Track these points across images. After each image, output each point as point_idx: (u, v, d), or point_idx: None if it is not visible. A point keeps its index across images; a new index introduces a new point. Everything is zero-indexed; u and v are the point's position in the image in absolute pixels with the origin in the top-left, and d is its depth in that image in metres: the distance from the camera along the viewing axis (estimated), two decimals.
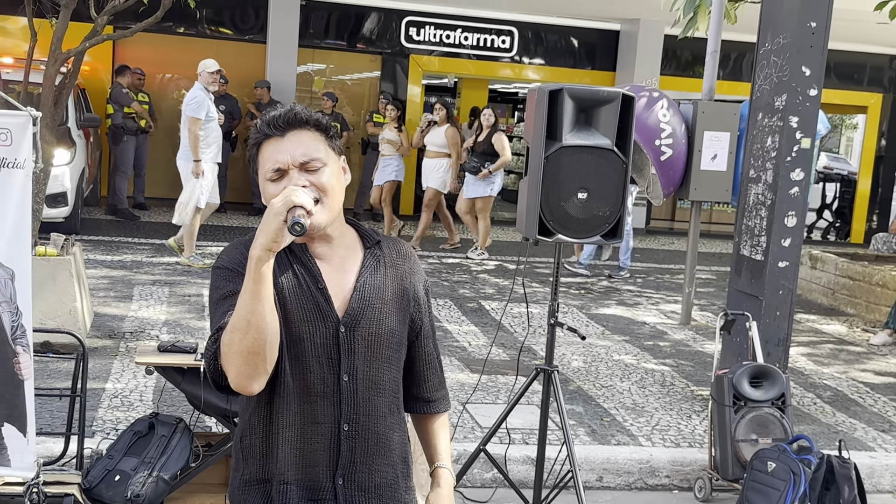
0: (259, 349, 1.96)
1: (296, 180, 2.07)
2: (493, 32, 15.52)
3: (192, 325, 7.08)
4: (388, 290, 2.21)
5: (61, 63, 5.83)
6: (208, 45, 14.57)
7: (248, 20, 14.60)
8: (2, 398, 3.93)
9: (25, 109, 3.90)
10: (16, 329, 3.93)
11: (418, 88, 15.59)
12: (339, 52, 15.28)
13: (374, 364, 2.17)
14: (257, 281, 1.93)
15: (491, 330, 7.79)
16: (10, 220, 3.90)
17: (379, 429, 2.17)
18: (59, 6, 5.78)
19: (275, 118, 2.12)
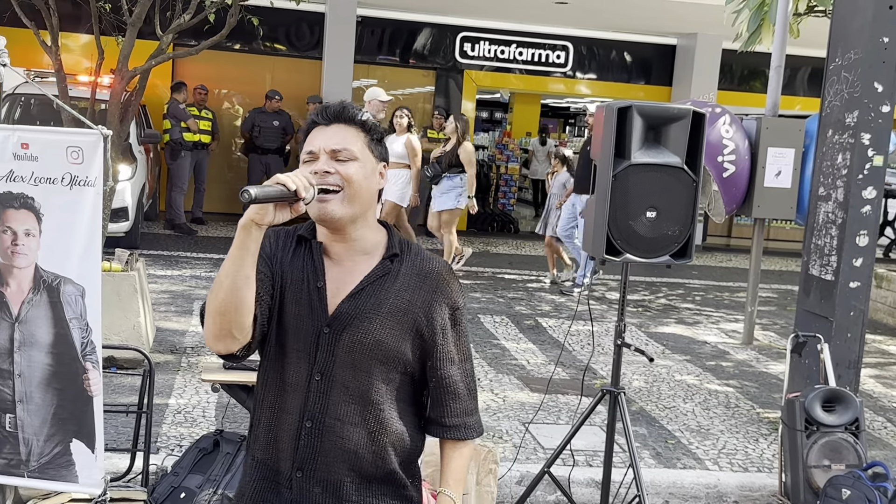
0: (225, 310, 2.05)
1: (322, 164, 2.16)
2: (548, 48, 15.49)
3: None
4: (387, 304, 2.19)
5: (127, 81, 5.90)
6: (264, 62, 14.77)
7: (303, 37, 14.74)
8: (71, 414, 3.96)
9: (96, 128, 3.94)
10: (86, 345, 3.96)
11: (472, 104, 15.60)
12: (393, 67, 15.35)
13: (353, 371, 2.17)
14: (238, 246, 2.03)
15: (549, 348, 7.72)
16: (81, 237, 3.94)
17: (345, 434, 2.17)
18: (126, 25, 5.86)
19: (326, 108, 2.23)
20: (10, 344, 3.92)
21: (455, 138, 10.35)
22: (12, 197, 3.92)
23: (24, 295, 3.92)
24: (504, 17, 14.69)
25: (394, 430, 2.22)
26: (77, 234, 3.93)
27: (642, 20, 14.01)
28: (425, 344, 2.23)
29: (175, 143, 12.45)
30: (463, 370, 2.30)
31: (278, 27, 14.46)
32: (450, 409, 2.29)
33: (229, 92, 15.01)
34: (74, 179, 3.91)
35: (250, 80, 14.84)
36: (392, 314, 2.18)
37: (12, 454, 3.96)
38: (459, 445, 2.33)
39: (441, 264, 2.28)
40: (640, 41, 15.74)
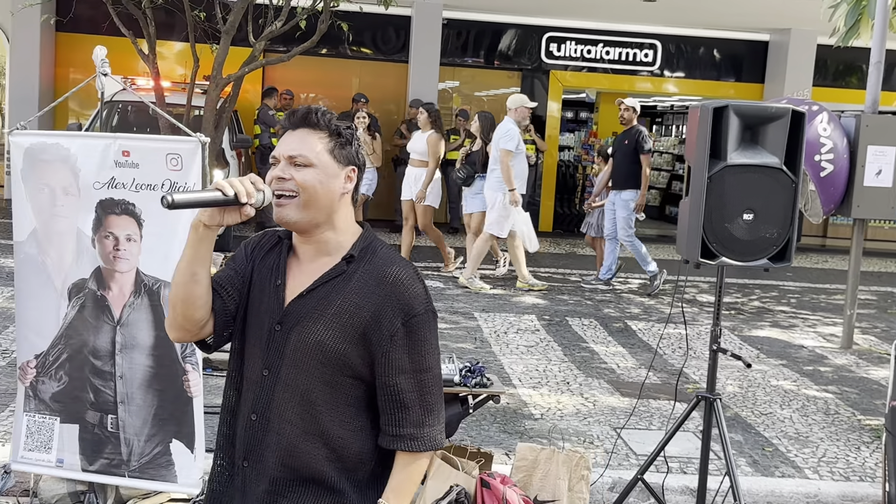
0: (175, 301, 2.20)
1: (277, 170, 2.20)
2: (636, 46, 15.30)
3: None
4: (334, 306, 2.19)
5: (222, 87, 6.03)
6: (351, 66, 14.93)
7: (389, 40, 14.86)
8: (171, 415, 4.05)
9: (195, 135, 4.02)
10: (185, 348, 4.05)
11: (557, 104, 15.51)
12: (478, 69, 15.37)
13: (296, 372, 2.20)
14: (187, 245, 2.17)
15: (639, 351, 7.61)
16: (180, 242, 4.01)
17: (285, 431, 2.20)
18: (220, 32, 5.98)
19: (294, 112, 2.26)
20: (113, 346, 4.03)
21: (480, 137, 10.19)
22: (114, 203, 4.03)
23: (125, 299, 4.03)
24: (591, 16, 14.57)
25: (333, 435, 2.19)
26: (176, 239, 4.01)
27: (734, 16, 13.73)
28: (373, 351, 2.18)
29: (265, 147, 12.68)
30: (416, 380, 2.20)
31: (364, 31, 14.61)
32: (395, 419, 2.21)
33: (317, 96, 15.21)
34: (174, 186, 4.00)
35: (337, 85, 15.03)
36: (337, 316, 2.18)
37: (113, 454, 4.08)
38: (408, 458, 2.22)
39: (403, 270, 2.22)
40: (731, 38, 15.43)
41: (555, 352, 7.42)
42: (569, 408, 6.04)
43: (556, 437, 5.43)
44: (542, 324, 8.34)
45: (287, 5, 6.04)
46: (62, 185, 4.02)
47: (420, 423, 2.21)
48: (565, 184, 15.92)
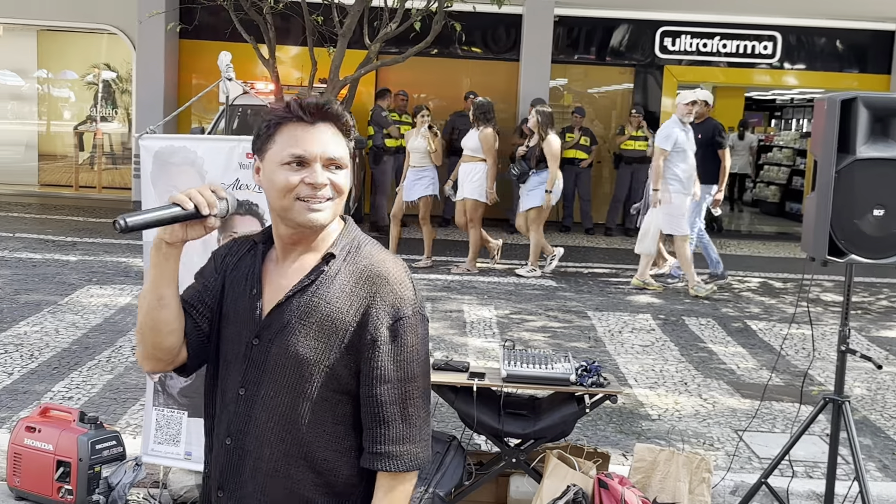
0: (143, 330, 2.01)
1: (318, 176, 1.95)
2: (754, 38, 14.89)
3: (456, 341, 7.23)
4: (315, 313, 1.96)
5: (338, 89, 6.15)
6: (461, 66, 14.99)
7: (500, 39, 14.86)
8: None
9: None
10: None
11: (671, 99, 15.20)
12: (589, 65, 15.23)
13: (277, 387, 1.96)
14: (151, 265, 1.98)
15: (760, 352, 7.41)
16: None
17: (265, 455, 1.97)
18: (337, 36, 6.10)
19: (310, 104, 2.00)
20: None
21: (538, 132, 9.93)
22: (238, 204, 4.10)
23: None
24: (706, 8, 14.27)
25: (319, 457, 1.97)
26: None
27: (858, 6, 13.23)
28: (360, 358, 1.96)
29: (378, 148, 12.85)
30: (400, 392, 1.96)
31: (475, 31, 14.64)
32: (374, 434, 1.97)
33: (428, 96, 15.34)
34: None
35: (448, 84, 15.12)
36: (320, 325, 1.96)
37: None
38: (389, 480, 1.97)
39: (391, 266, 2.00)
40: (855, 28, 14.85)
41: (671, 352, 7.29)
42: (687, 409, 5.92)
43: (675, 438, 5.34)
44: (658, 323, 8.20)
45: (401, 7, 6.10)
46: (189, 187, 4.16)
47: (400, 440, 1.96)
48: None
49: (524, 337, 7.41)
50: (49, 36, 15.80)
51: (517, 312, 8.36)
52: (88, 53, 16.08)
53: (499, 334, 7.51)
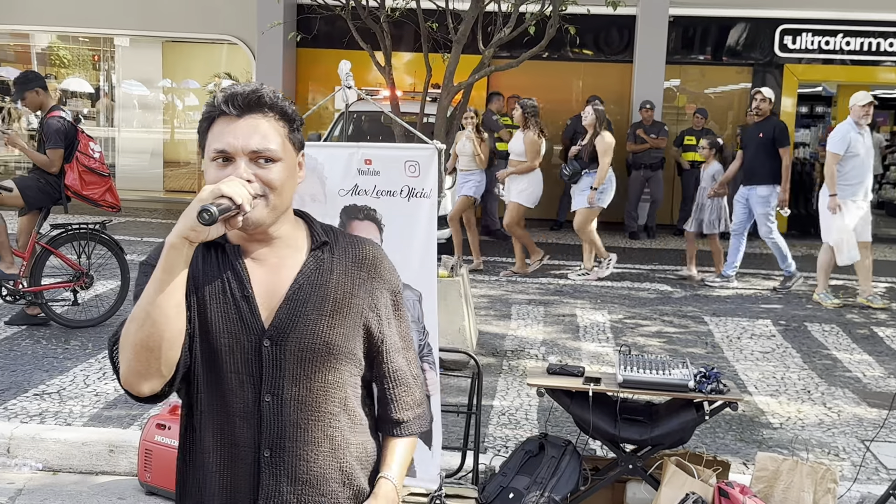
0: (153, 345, 1.79)
1: (242, 171, 1.87)
2: (880, 35, 14.32)
3: (569, 345, 7.19)
4: (328, 299, 1.95)
5: (453, 95, 6.20)
6: (573, 68, 14.92)
7: (612, 41, 14.72)
8: None
9: (431, 143, 4.17)
10: (423, 347, 4.21)
11: (792, 99, 14.78)
12: (705, 66, 14.92)
13: (306, 384, 1.92)
14: (165, 270, 1.77)
15: (887, 360, 7.13)
16: (417, 246, 4.18)
17: (311, 456, 1.93)
18: (451, 42, 6.15)
19: (235, 95, 1.91)
20: None
21: (592, 129, 9.66)
22: (357, 209, 4.24)
23: None
24: (829, 6, 13.80)
25: (358, 443, 2.00)
26: (414, 243, 4.17)
27: None
28: (372, 337, 2.01)
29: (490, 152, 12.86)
30: (407, 358, 2.08)
31: (587, 33, 14.52)
32: (402, 402, 2.07)
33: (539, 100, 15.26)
34: (412, 192, 4.17)
35: (560, 87, 15.06)
36: (337, 311, 1.95)
37: None
38: (408, 441, 2.11)
39: (374, 246, 2.05)
40: None
41: (793, 358, 7.08)
42: (810, 417, 5.74)
43: (799, 447, 5.19)
44: (779, 329, 7.98)
45: (515, 12, 6.11)
46: (310, 193, 4.26)
47: (419, 402, 2.11)
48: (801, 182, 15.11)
49: (639, 342, 7.32)
50: (173, 47, 16.42)
51: (631, 317, 8.26)
52: (210, 63, 16.65)
53: (613, 339, 7.44)
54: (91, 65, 17.43)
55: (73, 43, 17.19)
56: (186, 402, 1.98)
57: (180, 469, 2.02)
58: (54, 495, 4.59)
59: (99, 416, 5.23)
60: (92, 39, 16.77)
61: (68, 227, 6.97)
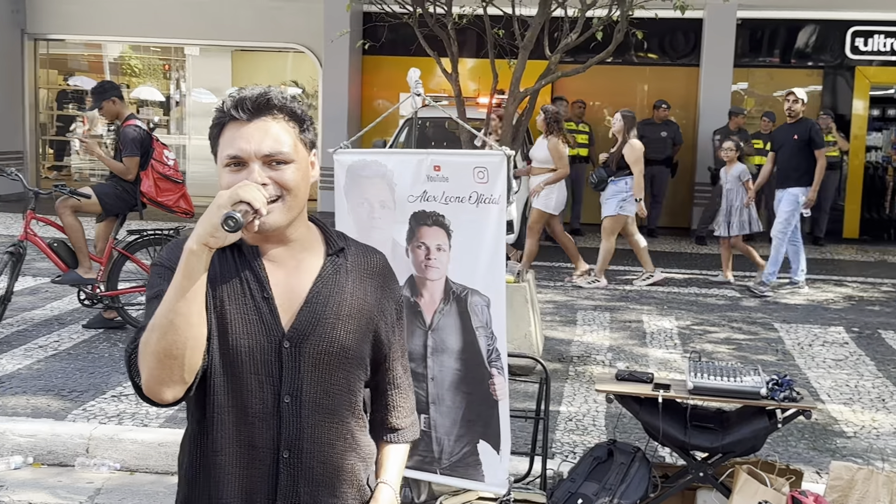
0: (177, 353, 1.77)
1: (256, 175, 1.88)
2: None
3: (636, 352, 7.14)
4: (345, 304, 1.98)
5: (519, 101, 6.21)
6: (637, 72, 14.84)
7: (678, 45, 14.58)
8: (478, 417, 4.23)
9: (500, 149, 4.18)
10: (491, 352, 4.22)
11: (863, 102, 14.47)
12: (774, 68, 14.69)
13: (322, 386, 1.95)
14: (186, 276, 1.75)
15: None
16: (486, 251, 4.19)
17: (326, 456, 1.96)
18: (518, 48, 6.16)
19: (243, 99, 1.91)
20: (424, 350, 4.27)
21: (621, 137, 9.43)
22: (426, 215, 4.27)
23: (436, 305, 4.25)
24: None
25: (363, 444, 2.05)
26: (483, 249, 4.19)
27: None
28: (380, 345, 2.05)
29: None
30: (404, 366, 2.15)
31: (652, 37, 14.43)
32: (401, 408, 2.14)
33: (603, 104, 15.22)
34: (480, 198, 4.18)
35: (624, 92, 14.96)
36: (352, 316, 1.98)
37: (426, 452, 4.31)
38: (403, 447, 2.17)
39: (382, 256, 2.10)
40: None
41: (867, 366, 6.93)
42: (885, 426, 5.62)
43: (874, 456, 5.08)
44: (852, 336, 7.82)
45: (582, 17, 6.10)
46: (380, 199, 4.31)
47: (413, 408, 2.18)
48: (873, 186, 14.78)
49: (707, 348, 7.24)
50: (242, 56, 16.70)
51: (699, 323, 8.17)
52: (276, 71, 16.89)
53: (680, 345, 7.36)
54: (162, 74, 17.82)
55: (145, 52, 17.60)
56: (197, 405, 1.95)
57: (188, 475, 2.00)
58: (132, 495, 4.71)
59: (174, 418, 5.35)
60: (163, 49, 17.14)
61: (144, 232, 7.14)
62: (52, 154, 17.51)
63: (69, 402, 5.59)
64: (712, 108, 13.69)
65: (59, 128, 17.44)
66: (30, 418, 5.29)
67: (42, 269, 9.14)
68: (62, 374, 6.13)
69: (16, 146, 15.74)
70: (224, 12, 15.17)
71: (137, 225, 8.42)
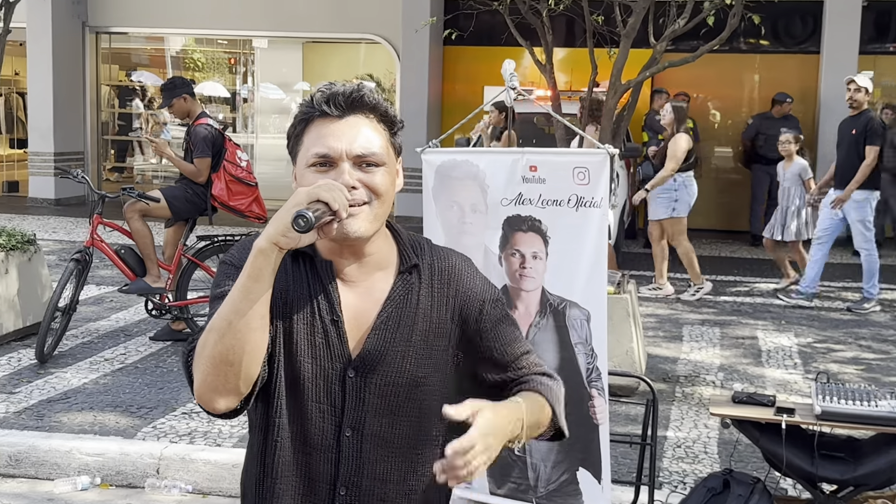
0: (234, 359, 1.75)
1: (346, 176, 1.86)
2: None
3: (750, 372, 7.03)
4: (416, 330, 1.94)
5: (621, 94, 6.18)
6: (746, 60, 14.62)
7: (794, 30, 14.30)
8: (577, 441, 4.21)
9: (603, 147, 4.16)
10: (591, 371, 4.19)
11: None
12: None
13: (388, 419, 1.92)
14: (252, 276, 1.74)
15: None
16: (586, 260, 4.17)
17: (389, 495, 1.93)
18: (619, 36, 6.14)
19: (336, 94, 1.89)
20: None
21: (670, 129, 9.19)
22: (521, 220, 4.27)
23: (531, 318, 4.25)
24: None
25: (427, 475, 1.97)
26: (583, 257, 4.16)
27: None
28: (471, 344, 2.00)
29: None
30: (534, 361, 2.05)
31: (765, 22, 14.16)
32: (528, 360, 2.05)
33: (708, 96, 15.01)
34: (580, 201, 4.16)
35: (733, 82, 14.74)
36: (424, 341, 1.95)
37: (521, 479, 4.31)
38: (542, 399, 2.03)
39: (460, 258, 2.05)
40: None
41: None
42: None
43: None
44: None
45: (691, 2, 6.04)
46: (470, 202, 4.32)
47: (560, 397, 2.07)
48: None
49: (832, 369, 7.08)
50: (314, 48, 16.93)
51: (822, 341, 8.00)
52: (349, 64, 17.08)
53: (801, 365, 7.22)
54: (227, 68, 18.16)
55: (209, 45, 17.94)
56: (262, 424, 1.96)
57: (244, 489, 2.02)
58: None
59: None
60: (229, 41, 17.46)
61: (214, 238, 7.27)
62: (114, 154, 17.95)
63: (138, 419, 5.75)
64: (835, 99, 13.36)
65: (121, 126, 17.89)
66: (97, 436, 5.45)
67: (106, 278, 9.41)
68: (130, 389, 6.31)
69: (77, 146, 16.14)
70: (296, 2, 15.36)
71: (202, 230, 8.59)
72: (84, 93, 16.43)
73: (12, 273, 7.27)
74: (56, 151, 15.42)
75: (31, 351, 6.98)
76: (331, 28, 15.61)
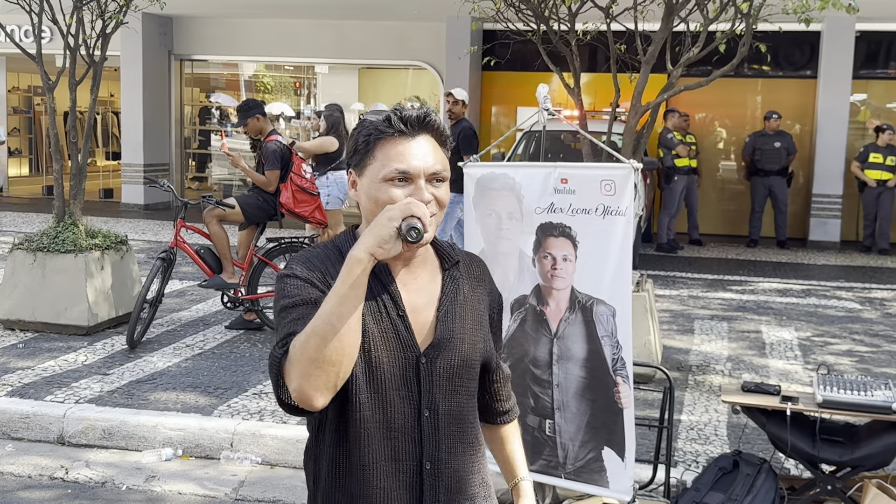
0: (337, 359, 1.73)
1: (425, 193, 1.86)
2: None
3: (755, 363, 6.90)
4: (467, 319, 2.01)
5: (641, 115, 6.09)
6: (750, 84, 14.40)
7: (794, 57, 14.07)
8: (603, 424, 4.14)
9: (628, 162, 4.10)
10: (616, 361, 4.12)
11: None
12: (892, 80, 14.03)
13: (454, 398, 1.97)
14: (350, 284, 1.71)
15: None
16: (612, 262, 4.11)
17: (459, 465, 1.98)
18: (639, 63, 6.04)
19: (410, 116, 1.88)
20: (550, 357, 4.21)
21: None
22: (552, 227, 4.21)
23: (561, 314, 4.18)
24: None
25: (482, 441, 2.08)
26: (609, 260, 4.10)
27: None
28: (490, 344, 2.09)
29: (669, 169, 12.61)
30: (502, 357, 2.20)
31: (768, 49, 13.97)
32: (507, 394, 2.20)
33: (715, 116, 14.83)
34: (607, 210, 4.10)
35: (737, 104, 14.56)
36: (474, 329, 2.02)
37: (551, 456, 4.25)
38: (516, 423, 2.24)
39: (481, 261, 2.13)
40: None
41: None
42: None
43: None
44: None
45: (704, 32, 5.94)
46: (507, 211, 4.28)
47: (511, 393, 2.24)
48: None
49: (829, 360, 6.93)
50: (368, 73, 16.96)
51: (819, 335, 7.84)
52: (398, 87, 17.09)
53: (801, 357, 7.08)
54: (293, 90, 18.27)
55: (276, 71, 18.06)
56: (336, 419, 1.92)
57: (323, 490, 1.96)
58: (272, 488, 4.80)
59: None
60: (295, 67, 17.55)
61: (281, 240, 7.30)
62: (195, 166, 18.16)
63: (215, 398, 5.75)
64: (831, 119, 13.18)
65: (201, 141, 18.06)
66: (179, 413, 5.46)
67: (188, 274, 9.45)
68: (208, 371, 6.31)
69: (163, 159, 16.37)
70: (353, 32, 15.42)
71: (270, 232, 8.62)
72: (169, 112, 16.65)
73: (107, 269, 7.32)
74: (145, 163, 15.61)
75: (122, 337, 7.02)
76: (384, 55, 15.65)
